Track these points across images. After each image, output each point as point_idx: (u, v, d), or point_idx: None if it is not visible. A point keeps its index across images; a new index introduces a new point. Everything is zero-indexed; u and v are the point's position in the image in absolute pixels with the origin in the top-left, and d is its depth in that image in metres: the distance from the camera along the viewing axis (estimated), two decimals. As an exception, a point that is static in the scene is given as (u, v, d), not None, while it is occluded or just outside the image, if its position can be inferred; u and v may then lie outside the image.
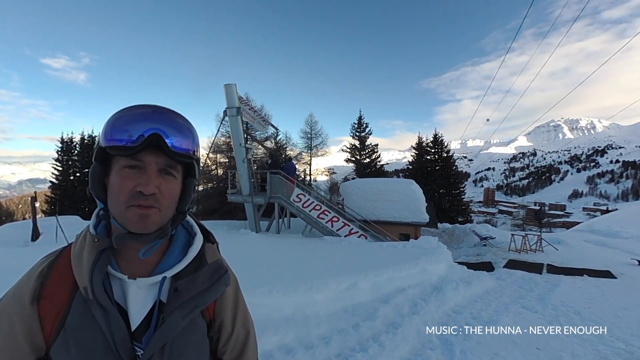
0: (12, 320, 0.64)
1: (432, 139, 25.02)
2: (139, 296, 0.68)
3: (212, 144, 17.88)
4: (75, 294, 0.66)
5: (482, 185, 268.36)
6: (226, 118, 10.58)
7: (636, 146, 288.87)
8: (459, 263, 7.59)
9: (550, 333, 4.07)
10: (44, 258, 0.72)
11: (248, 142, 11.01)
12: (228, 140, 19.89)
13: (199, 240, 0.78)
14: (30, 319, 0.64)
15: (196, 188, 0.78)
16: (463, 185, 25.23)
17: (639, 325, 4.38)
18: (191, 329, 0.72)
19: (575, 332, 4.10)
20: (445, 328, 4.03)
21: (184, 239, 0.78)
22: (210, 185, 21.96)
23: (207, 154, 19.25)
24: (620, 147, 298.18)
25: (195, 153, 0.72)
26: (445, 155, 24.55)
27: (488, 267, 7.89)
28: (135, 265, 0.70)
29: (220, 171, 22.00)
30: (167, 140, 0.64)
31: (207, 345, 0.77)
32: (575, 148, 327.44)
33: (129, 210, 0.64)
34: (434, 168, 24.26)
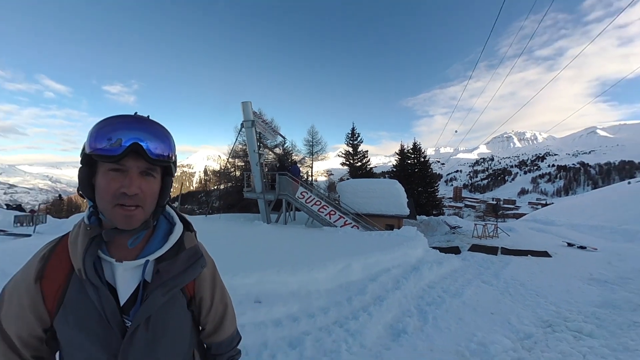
0: (20, 296, 0.63)
1: (412, 147, 25.01)
2: (126, 276, 0.67)
3: (231, 150, 17.84)
4: (72, 275, 0.65)
5: (452, 185, 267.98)
6: (243, 129, 10.59)
7: (567, 154, 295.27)
8: (433, 248, 7.58)
9: (502, 301, 4.15)
10: (47, 244, 0.69)
11: (260, 149, 11.00)
12: (244, 147, 19.80)
13: (178, 228, 0.75)
14: (34, 296, 0.63)
15: (172, 185, 0.74)
16: (437, 185, 25.24)
17: (565, 292, 4.54)
18: (172, 304, 0.71)
19: (520, 299, 4.20)
20: (421, 300, 4.06)
21: (166, 228, 0.75)
22: (229, 184, 21.89)
23: (227, 159, 19.20)
24: (555, 154, 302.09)
25: (171, 156, 0.67)
26: (423, 159, 24.56)
27: (456, 250, 7.88)
28: (123, 250, 0.68)
29: (238, 173, 21.94)
30: (146, 148, 0.61)
31: (187, 317, 0.76)
32: (522, 155, 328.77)
33: (115, 209, 0.61)
34: (413, 170, 24.24)
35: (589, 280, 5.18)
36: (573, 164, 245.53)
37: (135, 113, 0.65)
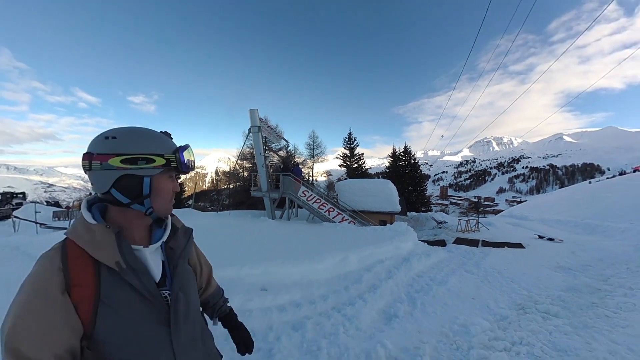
0: (43, 315, 0.54)
1: (403, 150, 24.96)
2: (154, 258, 0.72)
3: (240, 153, 17.85)
4: (99, 273, 0.61)
5: (439, 184, 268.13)
6: (250, 134, 10.59)
7: (538, 157, 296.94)
8: (422, 241, 7.58)
9: (482, 287, 4.18)
10: (45, 260, 0.61)
11: (266, 152, 11.00)
12: (251, 150, 19.76)
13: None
14: (64, 308, 0.56)
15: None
16: (425, 184, 25.20)
17: (536, 279, 4.59)
18: (188, 271, 0.81)
19: (497, 286, 4.24)
20: (410, 287, 4.08)
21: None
22: (238, 184, 21.85)
23: (236, 161, 19.21)
24: (528, 157, 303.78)
25: None
26: (412, 161, 24.49)
27: (442, 243, 7.89)
28: (137, 239, 0.71)
29: (245, 173, 21.92)
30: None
31: (195, 278, 0.86)
32: (500, 157, 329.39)
33: (170, 202, 0.74)
34: (404, 171, 24.19)
35: (555, 268, 5.25)
36: (543, 166, 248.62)
37: (165, 132, 0.76)
